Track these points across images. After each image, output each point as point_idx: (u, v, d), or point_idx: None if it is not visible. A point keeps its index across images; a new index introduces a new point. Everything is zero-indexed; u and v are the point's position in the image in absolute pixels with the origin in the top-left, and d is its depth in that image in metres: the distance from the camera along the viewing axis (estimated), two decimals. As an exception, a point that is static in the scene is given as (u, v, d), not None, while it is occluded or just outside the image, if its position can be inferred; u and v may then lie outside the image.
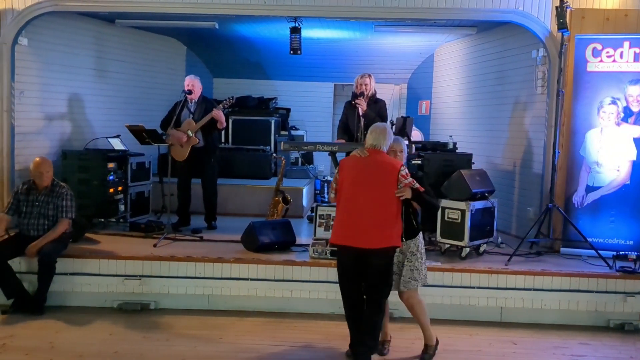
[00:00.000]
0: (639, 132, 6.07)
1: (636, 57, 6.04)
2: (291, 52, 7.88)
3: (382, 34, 8.53)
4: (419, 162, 6.52)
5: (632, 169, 6.07)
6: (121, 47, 8.55)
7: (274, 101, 10.37)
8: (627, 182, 6.09)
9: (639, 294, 5.40)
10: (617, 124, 6.12)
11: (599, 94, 6.16)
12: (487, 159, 7.64)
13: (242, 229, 6.07)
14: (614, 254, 5.78)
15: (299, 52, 7.87)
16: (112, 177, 6.89)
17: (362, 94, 6.24)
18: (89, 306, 5.49)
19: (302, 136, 10.38)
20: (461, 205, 5.79)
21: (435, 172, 6.40)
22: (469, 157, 6.65)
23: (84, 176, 6.87)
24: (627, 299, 5.40)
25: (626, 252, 5.88)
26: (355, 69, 7.99)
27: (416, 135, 8.83)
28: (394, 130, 6.75)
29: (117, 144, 7.45)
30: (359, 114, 6.20)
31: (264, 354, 4.59)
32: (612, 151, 6.12)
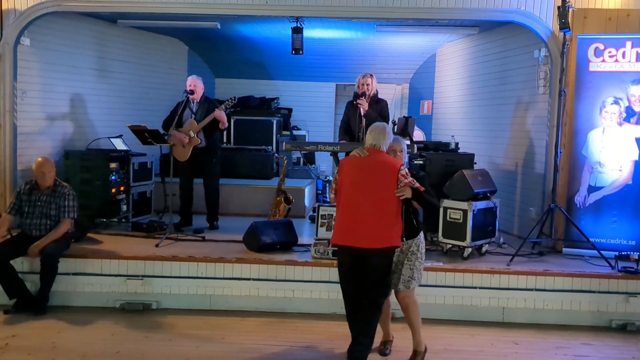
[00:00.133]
0: (641, 132, 6.07)
1: (638, 57, 6.03)
2: (293, 52, 7.87)
3: (384, 33, 8.53)
4: (421, 162, 6.52)
5: (634, 169, 6.06)
6: (123, 47, 8.56)
7: (275, 101, 10.37)
8: (630, 182, 6.08)
9: (641, 294, 5.40)
10: (619, 124, 6.12)
11: (601, 94, 6.16)
12: (489, 159, 7.63)
13: (244, 229, 6.07)
14: (616, 254, 5.77)
15: (300, 52, 7.87)
16: (114, 177, 6.90)
17: (363, 94, 6.24)
18: (91, 306, 5.50)
19: (304, 136, 10.37)
20: (463, 205, 5.79)
21: (437, 172, 6.39)
22: (471, 157, 6.65)
23: (86, 176, 6.87)
24: (629, 299, 5.39)
25: (628, 253, 5.88)
26: (357, 69, 8.00)
27: (418, 135, 8.82)
28: (395, 130, 6.76)
29: (120, 144, 7.45)
30: (361, 114, 6.20)
31: (266, 354, 4.59)
32: (614, 151, 6.11)
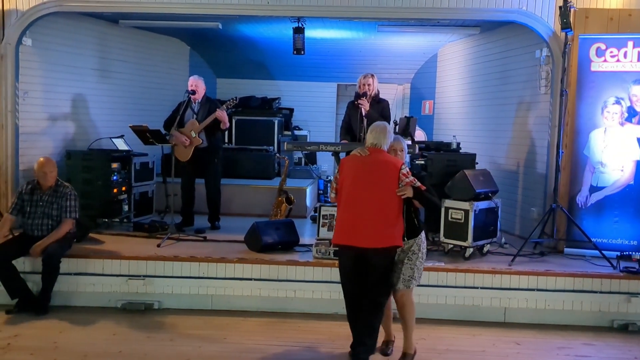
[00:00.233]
0: (643, 132, 6.06)
1: (640, 57, 6.04)
2: (294, 52, 7.88)
3: (385, 34, 8.53)
4: (423, 162, 6.52)
5: (636, 169, 6.06)
6: (125, 47, 8.56)
7: (277, 101, 10.37)
8: (631, 182, 6.08)
9: (643, 294, 5.39)
10: (621, 124, 6.11)
11: (603, 94, 6.15)
12: (490, 159, 7.62)
13: (245, 229, 6.07)
14: (618, 254, 5.77)
15: (302, 52, 7.87)
16: (115, 177, 6.91)
17: (365, 94, 6.24)
18: (92, 306, 5.51)
19: (306, 136, 10.37)
20: (465, 205, 5.79)
21: (438, 172, 6.38)
22: (472, 157, 6.64)
23: (88, 176, 6.88)
24: (631, 299, 5.38)
25: (630, 253, 5.89)
26: (358, 69, 7.99)
27: (419, 135, 8.82)
28: (397, 130, 6.76)
29: (121, 144, 7.46)
30: (362, 114, 6.20)
31: (268, 354, 4.59)
32: (616, 151, 6.11)
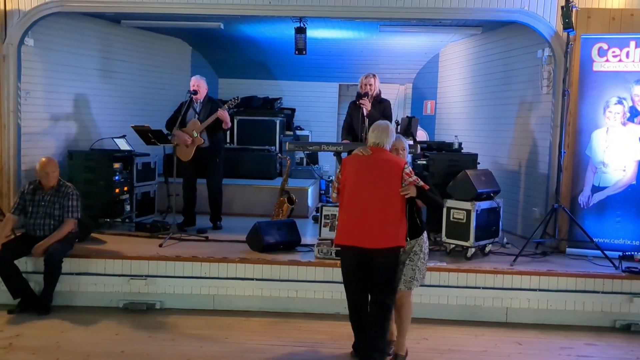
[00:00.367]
0: (645, 132, 6.06)
1: (642, 57, 6.03)
2: (296, 52, 7.88)
3: (387, 34, 8.52)
4: (425, 162, 6.51)
5: (638, 169, 6.05)
6: (127, 47, 8.57)
7: (279, 101, 10.37)
8: (633, 182, 6.07)
9: (645, 294, 5.39)
10: (623, 124, 6.10)
11: (605, 94, 6.14)
12: (492, 159, 7.62)
13: (247, 229, 6.08)
14: (620, 254, 5.78)
15: (304, 52, 7.88)
16: (117, 177, 6.92)
17: (366, 94, 6.24)
18: (94, 306, 5.51)
19: (307, 136, 10.37)
20: (467, 205, 5.78)
21: (440, 172, 6.38)
22: (474, 157, 6.63)
23: (90, 176, 6.89)
24: (633, 299, 5.38)
25: (632, 253, 5.89)
26: (360, 69, 7.98)
27: (421, 135, 8.82)
28: (399, 130, 6.75)
29: (123, 144, 7.47)
30: (364, 114, 6.19)
31: (269, 354, 4.59)
32: (618, 151, 6.10)
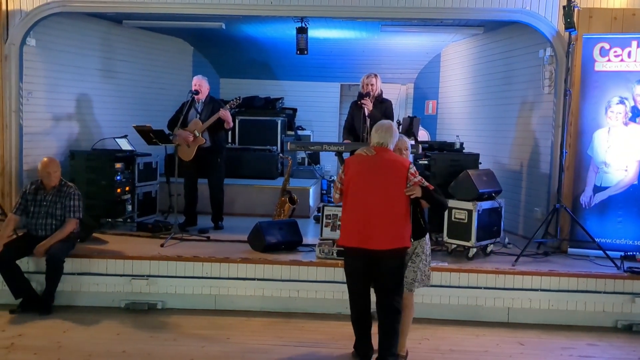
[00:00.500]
0: (647, 131, 6.05)
1: (644, 57, 6.02)
2: (298, 52, 7.88)
3: (388, 33, 8.52)
4: (426, 162, 6.51)
5: (639, 169, 6.04)
6: (128, 47, 8.58)
7: (280, 101, 10.37)
8: (635, 182, 6.06)
9: (647, 294, 5.38)
10: (625, 124, 6.09)
11: (607, 94, 6.13)
12: (494, 159, 7.62)
13: (248, 229, 6.08)
14: (622, 254, 5.77)
15: (305, 52, 7.88)
16: (119, 177, 6.92)
17: (368, 94, 6.24)
18: (96, 306, 5.52)
19: (309, 136, 10.37)
20: (468, 205, 5.78)
21: (442, 172, 6.38)
22: (476, 157, 6.63)
23: (92, 176, 6.90)
24: (635, 299, 5.37)
25: (634, 253, 5.88)
26: (361, 69, 7.99)
27: (423, 135, 8.82)
28: (400, 130, 6.74)
29: (125, 144, 7.48)
30: (365, 114, 6.19)
31: (271, 353, 4.59)
32: (619, 151, 6.09)
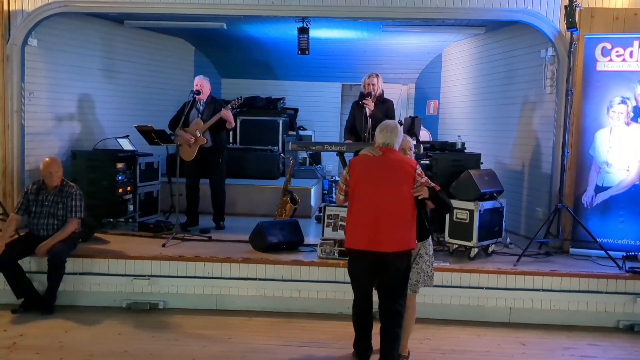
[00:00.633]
0: (648, 131, 6.04)
1: (646, 57, 6.01)
2: (299, 52, 7.88)
3: (390, 33, 8.52)
4: (428, 162, 6.51)
5: (641, 169, 6.05)
6: (130, 47, 8.58)
7: (282, 101, 10.37)
8: (637, 182, 6.05)
9: (649, 294, 5.37)
10: (627, 124, 6.09)
11: (609, 94, 6.13)
12: (495, 159, 7.61)
13: (250, 229, 6.09)
14: (624, 254, 5.75)
15: (306, 52, 7.87)
16: (121, 177, 6.92)
17: (369, 94, 6.24)
18: (98, 306, 5.52)
19: (310, 136, 10.38)
20: (470, 205, 5.77)
21: (443, 172, 6.37)
22: (477, 157, 6.63)
23: (93, 176, 6.90)
24: (637, 299, 5.37)
25: (636, 253, 5.87)
26: (363, 69, 7.99)
27: (424, 135, 8.81)
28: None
29: (126, 144, 7.48)
30: (367, 114, 6.20)
31: (273, 353, 4.59)
32: (621, 151, 6.09)
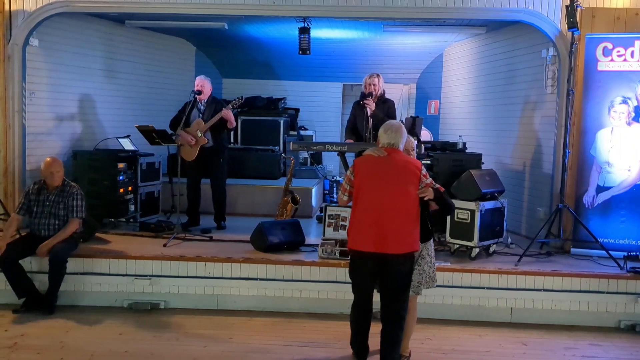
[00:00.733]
0: (650, 131, 6.03)
1: (647, 56, 6.00)
2: (300, 52, 7.88)
3: (391, 33, 8.52)
4: (429, 163, 6.50)
5: (643, 169, 6.04)
6: (131, 47, 8.59)
7: (283, 101, 10.38)
8: (638, 182, 6.05)
9: (650, 294, 5.37)
10: (628, 124, 6.08)
11: (610, 94, 6.12)
12: (496, 158, 7.61)
13: (251, 229, 6.09)
14: (625, 254, 5.74)
15: (307, 52, 7.87)
16: (122, 177, 6.92)
17: (370, 94, 6.24)
18: (99, 305, 5.53)
19: (311, 136, 10.38)
20: (471, 205, 5.77)
21: (444, 172, 6.37)
22: (478, 157, 6.63)
23: (95, 176, 6.90)
24: (638, 299, 5.36)
25: (637, 253, 5.86)
26: (364, 69, 7.99)
27: (425, 135, 8.80)
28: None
29: (127, 144, 7.49)
30: (368, 114, 6.20)
31: (273, 353, 4.60)
32: (622, 151, 6.08)
